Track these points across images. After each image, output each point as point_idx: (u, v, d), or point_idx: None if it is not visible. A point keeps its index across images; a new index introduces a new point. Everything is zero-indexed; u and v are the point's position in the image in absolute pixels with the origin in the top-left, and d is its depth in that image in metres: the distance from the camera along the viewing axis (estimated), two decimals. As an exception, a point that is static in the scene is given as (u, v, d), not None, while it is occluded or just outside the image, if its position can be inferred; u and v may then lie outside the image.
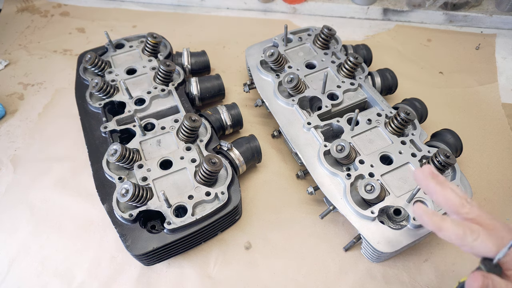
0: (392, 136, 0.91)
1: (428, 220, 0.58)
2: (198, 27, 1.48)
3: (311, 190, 0.90)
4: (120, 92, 1.02)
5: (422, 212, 0.59)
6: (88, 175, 0.92)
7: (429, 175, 0.60)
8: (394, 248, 0.76)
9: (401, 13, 1.47)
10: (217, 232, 0.90)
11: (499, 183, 0.99)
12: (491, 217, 0.56)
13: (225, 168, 0.88)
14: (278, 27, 1.45)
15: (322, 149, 0.89)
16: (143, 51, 1.13)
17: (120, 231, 0.79)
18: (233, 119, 1.02)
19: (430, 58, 1.35)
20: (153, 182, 0.84)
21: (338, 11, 1.50)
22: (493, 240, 0.53)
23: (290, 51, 1.13)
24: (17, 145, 1.11)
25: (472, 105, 1.18)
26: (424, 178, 0.60)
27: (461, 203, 0.57)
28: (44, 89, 1.26)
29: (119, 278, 0.85)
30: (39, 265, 0.88)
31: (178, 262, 0.87)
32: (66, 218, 0.95)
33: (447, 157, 0.81)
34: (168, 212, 0.79)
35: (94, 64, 1.05)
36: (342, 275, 0.85)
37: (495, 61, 1.32)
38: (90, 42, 1.42)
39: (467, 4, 1.42)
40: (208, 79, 1.10)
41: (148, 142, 0.92)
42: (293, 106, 0.99)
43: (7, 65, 1.33)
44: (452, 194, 0.58)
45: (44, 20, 1.51)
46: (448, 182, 0.60)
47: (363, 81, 1.03)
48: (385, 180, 0.84)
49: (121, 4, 1.59)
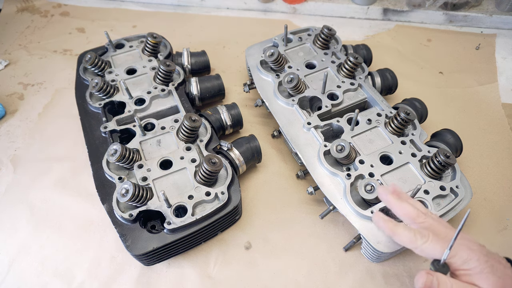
0: (392, 136, 0.91)
1: (383, 226, 0.68)
2: (198, 27, 1.48)
3: (311, 190, 0.90)
4: (120, 92, 1.02)
5: (379, 219, 0.69)
6: (88, 175, 0.92)
7: (389, 192, 0.70)
8: (394, 248, 0.76)
9: (401, 13, 1.47)
10: (217, 232, 0.90)
11: (499, 183, 0.99)
12: (446, 226, 0.64)
13: (225, 168, 0.88)
14: (278, 27, 1.45)
15: (322, 149, 0.89)
16: (143, 51, 1.13)
17: (120, 231, 0.79)
18: (233, 119, 1.01)
19: (430, 58, 1.35)
20: (153, 182, 0.84)
21: (338, 11, 1.50)
22: (441, 243, 0.59)
23: (290, 51, 1.13)
24: (17, 145, 1.11)
25: (472, 105, 1.18)
26: (384, 194, 0.70)
27: (417, 214, 0.66)
28: (44, 89, 1.26)
29: (119, 278, 0.85)
30: (39, 265, 0.88)
31: (178, 262, 0.87)
32: (66, 218, 0.95)
33: (447, 157, 0.81)
34: (168, 212, 0.79)
35: (94, 64, 1.05)
36: (342, 275, 0.85)
37: (495, 61, 1.32)
38: (90, 42, 1.42)
39: (467, 4, 1.42)
40: (208, 79, 1.10)
41: (148, 142, 0.92)
42: (293, 106, 0.99)
43: (7, 65, 1.33)
44: (409, 207, 0.67)
45: (44, 20, 1.51)
46: (408, 197, 0.68)
47: (363, 81, 1.03)
48: (385, 180, 0.84)
49: (121, 4, 1.59)
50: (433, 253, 0.60)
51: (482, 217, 0.93)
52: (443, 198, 0.82)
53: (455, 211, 0.81)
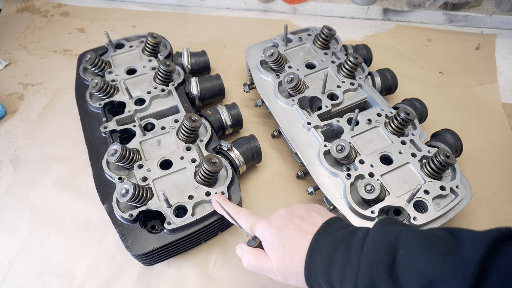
0: (392, 136, 0.91)
1: (213, 203, 0.79)
2: (198, 27, 1.48)
3: (311, 190, 0.90)
4: (120, 92, 1.02)
5: (214, 198, 0.79)
6: (88, 175, 0.92)
7: (215, 201, 0.79)
8: (394, 248, 0.76)
9: (401, 13, 1.47)
10: (217, 232, 0.90)
11: (499, 183, 0.99)
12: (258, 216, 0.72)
13: (225, 168, 0.88)
14: (278, 27, 1.45)
15: (322, 149, 0.89)
16: (143, 51, 1.13)
17: (120, 231, 0.79)
18: (233, 119, 1.01)
19: (430, 58, 1.35)
20: (153, 182, 0.84)
21: (338, 11, 1.50)
22: (251, 220, 0.70)
23: (290, 51, 1.13)
24: (17, 145, 1.11)
25: (472, 105, 1.18)
26: (214, 203, 0.79)
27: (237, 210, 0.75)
28: (44, 89, 1.26)
29: (119, 278, 0.85)
30: (39, 265, 0.88)
31: (178, 262, 0.87)
32: (66, 218, 0.95)
33: (447, 157, 0.81)
34: (168, 212, 0.79)
35: (94, 64, 1.05)
36: (342, 275, 0.85)
37: (495, 61, 1.32)
38: (90, 42, 1.42)
39: (467, 4, 1.42)
40: (208, 79, 1.10)
41: (148, 142, 0.92)
42: (293, 106, 0.99)
43: (7, 65, 1.33)
44: (230, 206, 0.77)
45: (44, 20, 1.51)
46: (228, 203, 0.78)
47: (363, 81, 1.03)
48: (385, 180, 0.84)
49: (121, 4, 1.59)
50: (244, 225, 0.71)
51: (482, 217, 0.93)
52: (443, 198, 0.82)
53: (455, 211, 0.81)
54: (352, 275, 0.53)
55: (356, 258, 0.54)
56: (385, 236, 0.53)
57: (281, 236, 0.64)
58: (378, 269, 0.50)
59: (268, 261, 0.65)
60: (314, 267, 0.59)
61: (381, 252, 0.51)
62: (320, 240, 0.60)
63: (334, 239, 0.59)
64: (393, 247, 0.51)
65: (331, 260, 0.57)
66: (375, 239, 0.54)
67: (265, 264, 0.66)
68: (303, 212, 0.67)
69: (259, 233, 0.68)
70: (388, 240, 0.52)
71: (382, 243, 0.52)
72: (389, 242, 0.52)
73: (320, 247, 0.60)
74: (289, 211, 0.68)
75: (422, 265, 0.47)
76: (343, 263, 0.55)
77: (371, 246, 0.53)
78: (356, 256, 0.54)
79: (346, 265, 0.54)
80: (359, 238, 0.56)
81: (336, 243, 0.58)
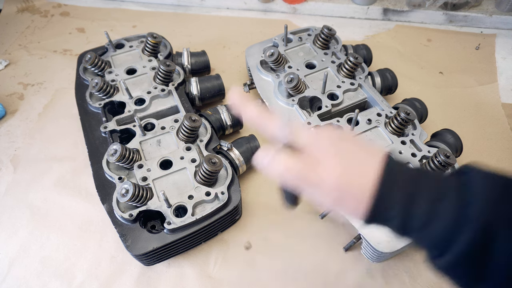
0: (392, 136, 0.91)
1: (231, 98, 0.57)
2: (198, 27, 1.48)
3: (311, 190, 0.90)
4: (120, 92, 1.02)
5: (235, 96, 0.57)
6: (88, 175, 0.92)
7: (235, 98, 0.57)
8: (394, 248, 0.76)
9: (401, 13, 1.47)
10: (217, 232, 0.90)
11: (499, 183, 0.99)
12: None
13: (225, 168, 0.88)
14: (278, 27, 1.45)
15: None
16: (143, 51, 1.13)
17: (120, 231, 0.79)
18: (233, 119, 1.01)
19: (430, 58, 1.35)
20: (153, 182, 0.84)
21: (338, 11, 1.50)
22: (286, 127, 0.53)
23: (290, 51, 1.13)
24: (17, 145, 1.11)
25: (472, 105, 1.18)
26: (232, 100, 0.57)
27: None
28: (44, 89, 1.25)
29: (119, 278, 0.85)
30: (39, 265, 0.88)
31: (178, 262, 0.87)
32: (66, 218, 0.95)
33: (447, 157, 0.81)
34: (168, 212, 0.79)
35: (94, 64, 1.05)
36: (342, 275, 0.85)
37: (495, 61, 1.32)
38: (90, 42, 1.42)
39: (467, 4, 1.42)
40: (208, 79, 1.10)
41: (148, 142, 0.92)
42: (293, 106, 0.99)
43: (7, 65, 1.33)
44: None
45: (44, 20, 1.51)
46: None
47: (363, 81, 1.03)
48: (385, 180, 0.84)
49: (121, 4, 1.59)
50: (277, 133, 0.54)
51: (482, 217, 0.93)
52: (443, 198, 0.82)
53: (455, 211, 0.81)
54: (453, 211, 0.42)
55: (462, 193, 0.42)
56: (491, 175, 0.45)
57: (339, 148, 0.48)
58: (500, 211, 0.39)
59: (321, 170, 0.47)
60: (390, 193, 0.45)
61: (499, 193, 0.41)
62: (393, 167, 0.46)
63: (409, 168, 0.46)
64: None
65: (417, 188, 0.44)
66: (482, 174, 0.44)
67: (313, 174, 0.47)
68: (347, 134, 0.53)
69: (305, 139, 0.51)
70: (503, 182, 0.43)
71: (496, 182, 0.43)
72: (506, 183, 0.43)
73: (396, 172, 0.46)
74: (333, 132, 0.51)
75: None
76: (437, 195, 0.43)
77: (482, 182, 0.43)
78: (461, 191, 0.43)
79: (443, 199, 0.43)
80: (450, 174, 0.46)
81: (417, 172, 0.46)
